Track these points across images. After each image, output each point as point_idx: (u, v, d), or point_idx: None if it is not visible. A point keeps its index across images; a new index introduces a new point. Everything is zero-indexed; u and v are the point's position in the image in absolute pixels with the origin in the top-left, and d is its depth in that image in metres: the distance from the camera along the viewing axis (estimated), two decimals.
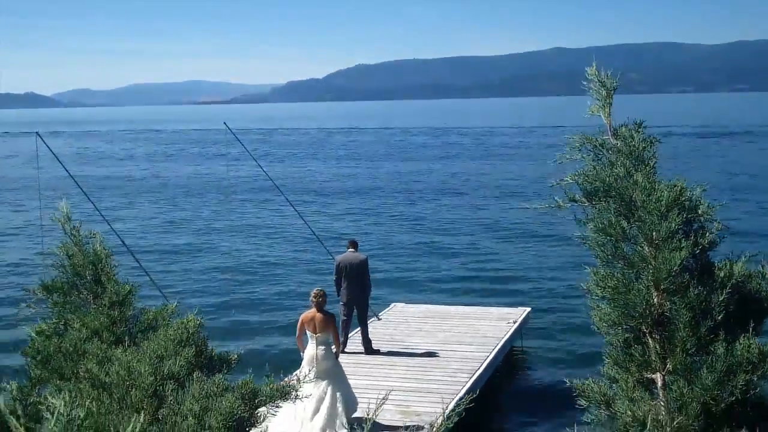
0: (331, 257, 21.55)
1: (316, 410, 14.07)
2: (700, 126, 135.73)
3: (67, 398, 3.68)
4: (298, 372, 13.57)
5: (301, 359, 14.90)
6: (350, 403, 14.55)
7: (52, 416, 3.63)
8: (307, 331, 14.58)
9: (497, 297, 27.94)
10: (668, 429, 4.69)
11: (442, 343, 20.17)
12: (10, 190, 64.18)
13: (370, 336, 19.60)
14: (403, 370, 18.09)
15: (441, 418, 2.91)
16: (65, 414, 3.63)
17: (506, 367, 21.26)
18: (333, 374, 14.49)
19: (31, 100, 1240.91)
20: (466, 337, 20.62)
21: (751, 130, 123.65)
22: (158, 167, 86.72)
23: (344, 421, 14.25)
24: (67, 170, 19.46)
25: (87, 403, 4.40)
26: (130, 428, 3.78)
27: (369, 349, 19.24)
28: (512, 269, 33.35)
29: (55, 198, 7.54)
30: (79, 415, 3.91)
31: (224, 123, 26.46)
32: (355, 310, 19.43)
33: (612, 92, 6.08)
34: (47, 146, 19.65)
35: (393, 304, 24.53)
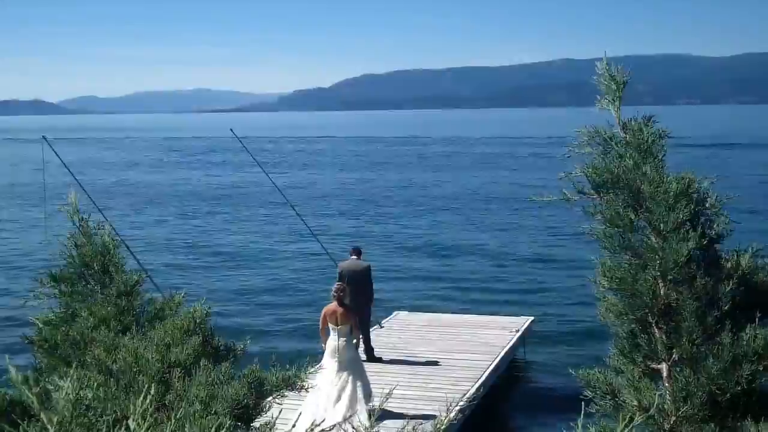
0: (333, 263, 21.58)
1: (338, 398, 14.70)
2: (708, 137, 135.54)
3: (75, 380, 3.69)
4: (321, 364, 15.16)
5: (322, 350, 15.64)
6: (369, 392, 15.25)
7: (61, 396, 3.64)
8: (329, 324, 15.25)
9: (500, 306, 27.95)
10: (673, 418, 4.68)
11: (445, 352, 20.14)
12: (16, 196, 64.30)
13: (372, 344, 19.57)
14: (406, 378, 17.95)
15: (445, 415, 2.91)
16: (73, 394, 3.63)
17: (509, 376, 21.25)
18: (353, 364, 15.22)
19: (38, 107, 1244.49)
20: (469, 346, 20.59)
21: (758, 142, 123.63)
22: (164, 174, 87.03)
23: (364, 407, 14.85)
24: (72, 174, 19.53)
25: (94, 386, 4.40)
26: (139, 407, 3.79)
27: (371, 357, 19.17)
28: (516, 278, 33.39)
29: (61, 200, 7.58)
30: (87, 396, 3.93)
31: (230, 129, 26.56)
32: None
33: (622, 86, 6.08)
34: (53, 150, 19.69)
35: (396, 312, 24.52)
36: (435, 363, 19.35)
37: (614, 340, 5.28)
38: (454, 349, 20.33)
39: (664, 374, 4.99)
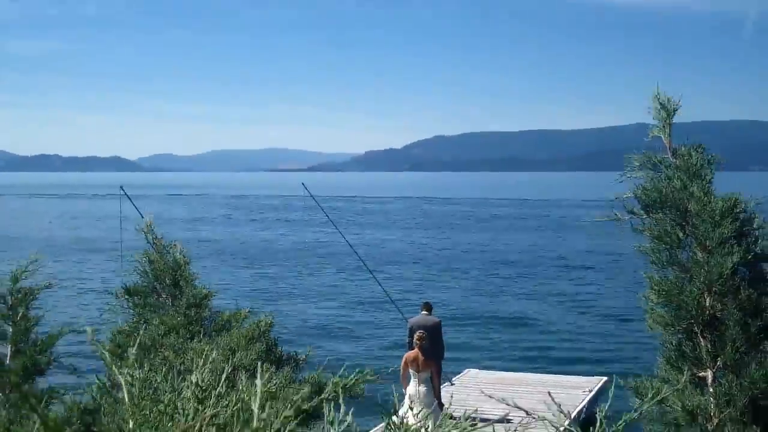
0: (404, 319, 21.55)
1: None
2: None
3: (143, 371, 3.96)
4: (401, 411, 14.47)
5: (403, 396, 15.76)
6: None
7: (127, 382, 3.89)
8: (410, 370, 15.66)
9: (573, 366, 27.69)
10: (716, 420, 4.84)
11: (515, 410, 19.95)
12: (96, 249, 65.56)
13: (442, 400, 19.50)
14: None
15: None
16: (139, 379, 3.89)
17: None
18: (433, 410, 14.79)
19: (117, 163, 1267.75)
20: (540, 405, 20.41)
21: None
22: (237, 231, 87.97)
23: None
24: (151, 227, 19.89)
25: (162, 372, 4.67)
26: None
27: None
28: (589, 339, 33.06)
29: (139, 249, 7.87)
30: (156, 378, 4.20)
31: (302, 183, 26.71)
32: None
33: (672, 114, 6.29)
34: (131, 201, 20.11)
35: (466, 370, 24.28)
36: (505, 422, 19.25)
37: (661, 350, 5.45)
38: (525, 408, 20.13)
39: (709, 380, 5.15)
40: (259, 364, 2.76)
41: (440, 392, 19.07)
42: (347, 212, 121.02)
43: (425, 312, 19.31)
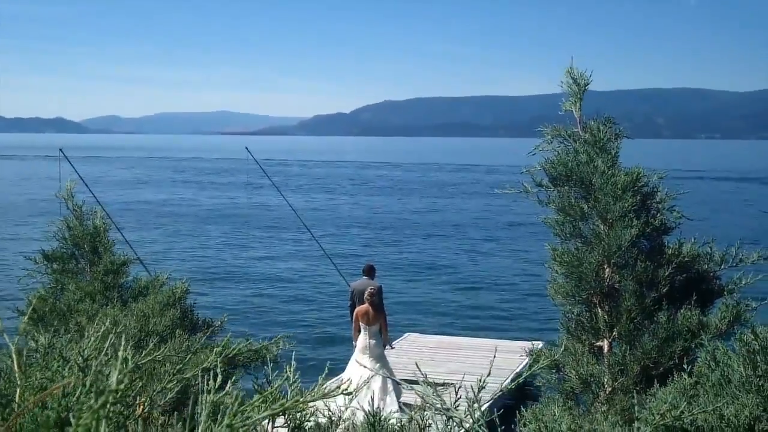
0: (346, 283, 21.73)
1: (368, 388, 15.88)
2: (726, 171, 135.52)
3: (47, 336, 4.03)
4: (351, 362, 16.84)
5: (353, 348, 17.14)
6: (399, 390, 16.64)
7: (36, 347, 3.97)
8: (361, 323, 16.64)
9: (512, 330, 27.99)
10: (609, 389, 5.01)
11: (453, 374, 20.19)
12: (35, 211, 64.84)
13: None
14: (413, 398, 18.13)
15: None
16: (45, 344, 3.97)
17: (518, 399, 21.30)
18: (381, 360, 16.69)
19: (60, 125, 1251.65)
20: (477, 368, 20.64)
21: None
22: (181, 194, 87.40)
23: (395, 400, 16.24)
24: (89, 188, 19.75)
25: (66, 336, 4.74)
26: (119, 362, 4.12)
27: None
28: (529, 302, 33.40)
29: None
30: (61, 342, 4.29)
31: (246, 148, 26.57)
32: None
33: (584, 89, 6.43)
34: (71, 164, 19.91)
35: (407, 334, 24.52)
36: (443, 385, 19.45)
37: (562, 319, 5.61)
38: (463, 371, 20.34)
39: (605, 350, 5.32)
40: (124, 342, 2.86)
41: (389, 339, 19.42)
42: (293, 177, 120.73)
43: (366, 277, 19.47)
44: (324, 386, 2.55)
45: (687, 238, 5.97)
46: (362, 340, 16.68)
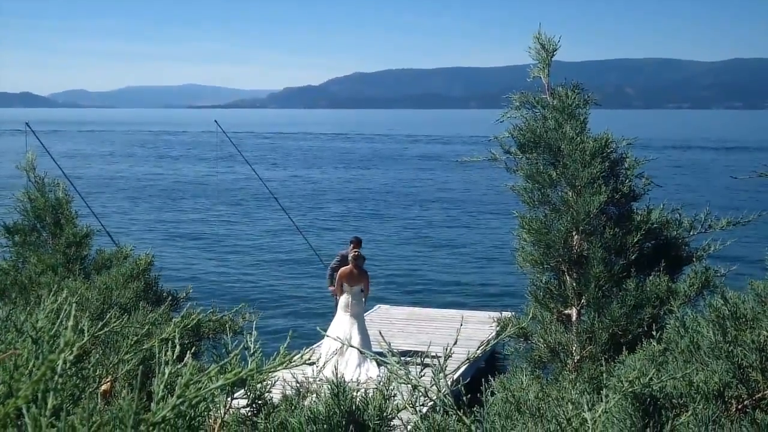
0: (316, 256, 21.81)
1: (350, 342, 16.42)
2: (694, 140, 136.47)
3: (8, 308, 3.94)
4: (333, 322, 17.69)
5: (335, 305, 18.10)
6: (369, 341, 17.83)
7: None
8: (345, 283, 17.59)
9: (483, 300, 28.06)
10: (577, 356, 4.97)
11: (424, 345, 20.21)
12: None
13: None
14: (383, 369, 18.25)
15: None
16: (3, 317, 3.88)
17: (488, 369, 21.39)
18: (360, 318, 17.84)
19: (27, 99, 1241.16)
20: (448, 339, 20.63)
21: (746, 145, 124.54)
22: (149, 168, 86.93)
23: (370, 354, 16.13)
24: (55, 162, 19.54)
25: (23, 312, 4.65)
26: (65, 340, 4.03)
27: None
28: (502, 272, 33.45)
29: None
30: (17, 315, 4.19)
31: (215, 121, 26.40)
32: None
33: (552, 54, 6.36)
34: (37, 138, 19.68)
35: (378, 306, 24.58)
36: (411, 355, 19.51)
37: (530, 287, 5.56)
38: (434, 342, 20.36)
39: (574, 318, 5.28)
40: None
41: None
42: (263, 149, 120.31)
43: (353, 246, 19.51)
44: (286, 356, 2.49)
45: (656, 205, 5.94)
46: (344, 299, 17.68)
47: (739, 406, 3.37)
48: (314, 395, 3.59)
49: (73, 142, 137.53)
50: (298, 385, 3.79)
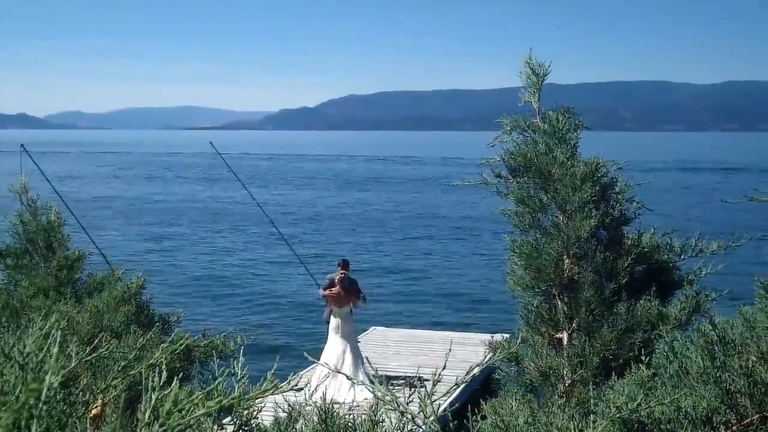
0: (311, 277, 21.75)
1: (343, 362, 17.55)
2: (688, 162, 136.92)
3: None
4: (327, 347, 17.96)
5: (326, 327, 18.46)
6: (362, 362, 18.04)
7: None
8: (333, 307, 18.05)
9: (479, 323, 28.01)
10: (568, 381, 4.98)
11: (420, 367, 20.10)
12: None
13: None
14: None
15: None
16: None
17: (483, 393, 21.29)
18: (352, 339, 18.19)
19: (23, 121, 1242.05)
20: (443, 361, 20.52)
21: (740, 167, 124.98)
22: (144, 189, 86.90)
23: (362, 373, 17.53)
24: (51, 184, 19.45)
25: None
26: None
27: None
28: (499, 295, 33.38)
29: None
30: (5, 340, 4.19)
31: (210, 143, 26.36)
32: None
33: (542, 79, 6.40)
34: (33, 160, 19.64)
35: (373, 328, 24.53)
36: (409, 377, 19.44)
37: (521, 311, 5.58)
38: (429, 364, 20.29)
39: (565, 342, 5.29)
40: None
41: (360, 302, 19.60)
42: (259, 171, 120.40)
43: (341, 269, 19.48)
44: (273, 382, 2.49)
45: (647, 229, 5.96)
46: (333, 321, 18.09)
47: None
48: (302, 420, 3.60)
49: (68, 163, 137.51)
50: (290, 408, 3.79)
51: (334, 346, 17.91)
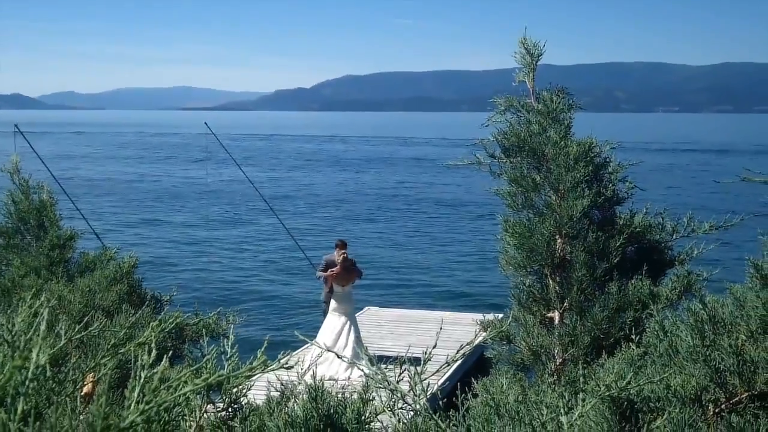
0: (305, 257, 21.73)
1: (345, 343, 17.72)
2: (682, 143, 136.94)
3: None
4: (325, 325, 18.02)
5: (323, 307, 18.68)
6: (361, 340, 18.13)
7: None
8: (334, 285, 18.05)
9: (473, 303, 27.99)
10: (559, 360, 4.98)
11: (413, 347, 20.07)
12: None
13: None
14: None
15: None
16: None
17: (477, 372, 21.30)
18: (352, 317, 18.29)
19: (17, 101, 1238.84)
20: (439, 341, 20.54)
21: (735, 149, 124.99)
22: (139, 169, 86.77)
23: (361, 351, 16.91)
24: (45, 165, 19.39)
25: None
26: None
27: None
28: (490, 275, 33.39)
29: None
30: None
31: (205, 123, 26.24)
32: None
33: (537, 60, 6.37)
34: (27, 141, 19.59)
35: (367, 308, 24.49)
36: (396, 359, 19.42)
37: (513, 291, 5.57)
38: (423, 344, 20.24)
39: (556, 321, 5.30)
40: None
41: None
42: (255, 151, 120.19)
43: (342, 250, 19.38)
44: (263, 360, 2.48)
45: (639, 209, 5.96)
46: (334, 301, 18.08)
47: (716, 410, 3.38)
48: (293, 399, 3.60)
49: (62, 143, 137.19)
50: (282, 386, 3.79)
51: (333, 325, 17.99)
